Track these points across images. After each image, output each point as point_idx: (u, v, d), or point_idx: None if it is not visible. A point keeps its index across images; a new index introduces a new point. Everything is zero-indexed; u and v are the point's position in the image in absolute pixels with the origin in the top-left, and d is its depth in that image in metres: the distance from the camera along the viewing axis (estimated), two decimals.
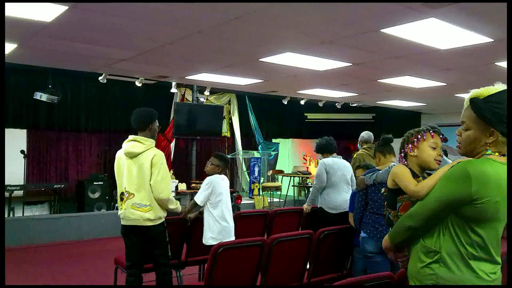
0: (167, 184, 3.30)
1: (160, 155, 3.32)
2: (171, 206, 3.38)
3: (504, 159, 1.62)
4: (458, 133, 1.72)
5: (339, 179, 4.46)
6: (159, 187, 3.25)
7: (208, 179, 3.70)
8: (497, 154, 1.61)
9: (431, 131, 1.98)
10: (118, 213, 3.41)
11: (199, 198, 3.67)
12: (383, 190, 3.06)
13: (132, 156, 3.32)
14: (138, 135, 3.39)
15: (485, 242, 1.58)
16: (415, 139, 1.99)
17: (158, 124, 3.51)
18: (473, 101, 1.63)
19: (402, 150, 2.05)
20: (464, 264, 1.58)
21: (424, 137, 1.98)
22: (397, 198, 1.91)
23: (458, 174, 1.58)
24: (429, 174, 1.96)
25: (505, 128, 1.58)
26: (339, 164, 4.53)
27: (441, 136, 2.02)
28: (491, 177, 1.55)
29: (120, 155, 3.44)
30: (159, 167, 3.26)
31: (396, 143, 3.60)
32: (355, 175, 4.33)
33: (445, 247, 1.61)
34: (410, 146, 2.01)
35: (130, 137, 3.40)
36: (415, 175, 1.94)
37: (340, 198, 4.40)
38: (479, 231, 1.58)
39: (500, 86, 1.64)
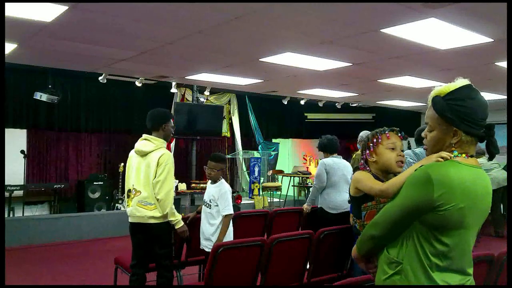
0: (166, 186, 3.26)
1: (167, 155, 3.34)
2: (167, 211, 3.26)
3: (472, 161, 1.52)
4: (424, 135, 1.62)
5: (339, 179, 4.46)
6: (158, 187, 3.25)
7: (226, 189, 3.57)
8: (463, 155, 1.51)
9: (386, 132, 1.88)
10: (126, 211, 3.44)
11: (230, 209, 3.51)
12: (347, 197, 3.02)
13: (142, 154, 3.38)
14: (152, 135, 3.44)
15: (451, 252, 1.47)
16: (371, 144, 1.88)
17: (172, 125, 3.54)
18: (434, 100, 1.55)
19: (362, 157, 1.95)
20: (425, 276, 1.46)
21: (380, 139, 1.87)
22: (361, 207, 1.83)
23: (420, 178, 1.46)
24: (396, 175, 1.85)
25: (468, 127, 1.49)
26: (339, 164, 4.53)
27: (399, 134, 1.91)
28: (454, 181, 1.43)
29: (131, 153, 3.50)
30: (163, 167, 3.27)
31: None
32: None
33: (407, 258, 1.50)
34: (367, 152, 1.91)
35: (143, 136, 3.46)
36: (379, 180, 1.83)
37: (340, 198, 4.40)
38: (445, 240, 1.46)
39: (460, 82, 1.56)
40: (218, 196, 3.50)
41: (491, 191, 1.57)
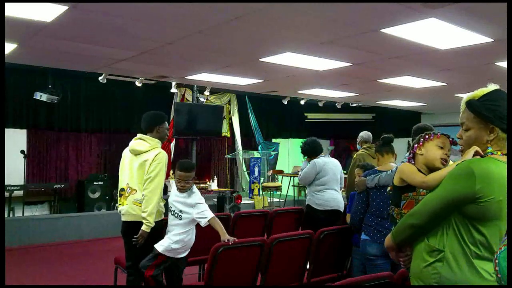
0: (154, 183, 3.24)
1: (163, 154, 3.33)
2: (149, 208, 3.20)
3: (505, 159, 1.64)
4: (459, 136, 1.76)
5: (330, 178, 4.53)
6: (146, 182, 3.25)
7: (199, 196, 3.26)
8: (499, 153, 1.64)
9: (438, 133, 2.01)
10: (118, 210, 3.41)
11: (211, 212, 3.26)
12: (388, 188, 3.07)
13: (136, 153, 3.38)
14: (147, 135, 3.45)
15: (488, 241, 1.59)
16: (422, 139, 2.03)
17: (167, 127, 3.54)
18: (469, 102, 1.69)
19: (411, 151, 2.08)
20: (467, 264, 1.59)
21: (432, 137, 2.01)
22: (401, 196, 1.93)
23: (462, 172, 1.60)
24: None
25: (503, 124, 1.62)
26: (329, 164, 4.60)
27: (450, 139, 2.03)
28: (494, 175, 1.57)
29: (125, 152, 3.49)
30: (156, 164, 3.27)
31: (396, 143, 3.62)
32: (354, 175, 4.34)
33: (449, 246, 1.62)
34: (416, 145, 2.04)
35: (138, 135, 3.46)
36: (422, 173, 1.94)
37: (328, 196, 4.48)
38: (483, 230, 1.58)
39: (492, 86, 1.70)
40: (192, 205, 3.20)
41: None
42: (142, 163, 3.30)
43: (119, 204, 3.42)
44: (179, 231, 3.23)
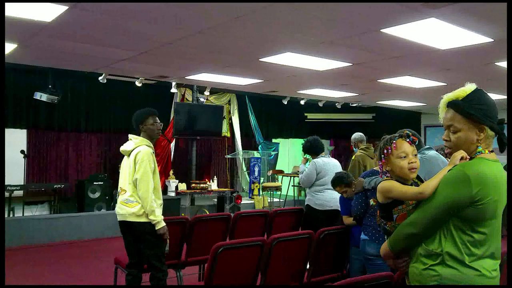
0: (142, 183, 3.25)
1: (143, 152, 3.31)
2: (147, 209, 3.23)
3: (493, 156, 1.70)
4: (447, 138, 1.76)
5: (330, 179, 4.54)
6: (137, 185, 3.28)
7: None
8: (486, 151, 1.69)
9: (394, 142, 1.89)
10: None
11: None
12: (372, 201, 3.07)
13: (125, 154, 3.45)
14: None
15: (487, 240, 1.64)
16: (382, 155, 1.91)
17: (152, 122, 3.44)
18: (455, 103, 1.73)
19: (381, 170, 1.97)
20: (466, 264, 1.63)
21: (389, 150, 1.89)
22: (392, 211, 1.87)
23: (458, 178, 1.63)
24: (421, 180, 1.92)
25: (491, 122, 1.68)
26: (328, 165, 4.61)
27: (408, 140, 1.90)
28: (488, 176, 1.62)
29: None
30: (139, 165, 3.29)
31: None
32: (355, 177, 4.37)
33: (447, 249, 1.65)
34: (380, 163, 1.93)
35: (129, 136, 3.52)
36: (404, 184, 1.86)
37: (328, 196, 4.49)
38: (481, 229, 1.63)
39: (472, 86, 1.74)
40: None
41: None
42: (130, 163, 3.36)
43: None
44: None
